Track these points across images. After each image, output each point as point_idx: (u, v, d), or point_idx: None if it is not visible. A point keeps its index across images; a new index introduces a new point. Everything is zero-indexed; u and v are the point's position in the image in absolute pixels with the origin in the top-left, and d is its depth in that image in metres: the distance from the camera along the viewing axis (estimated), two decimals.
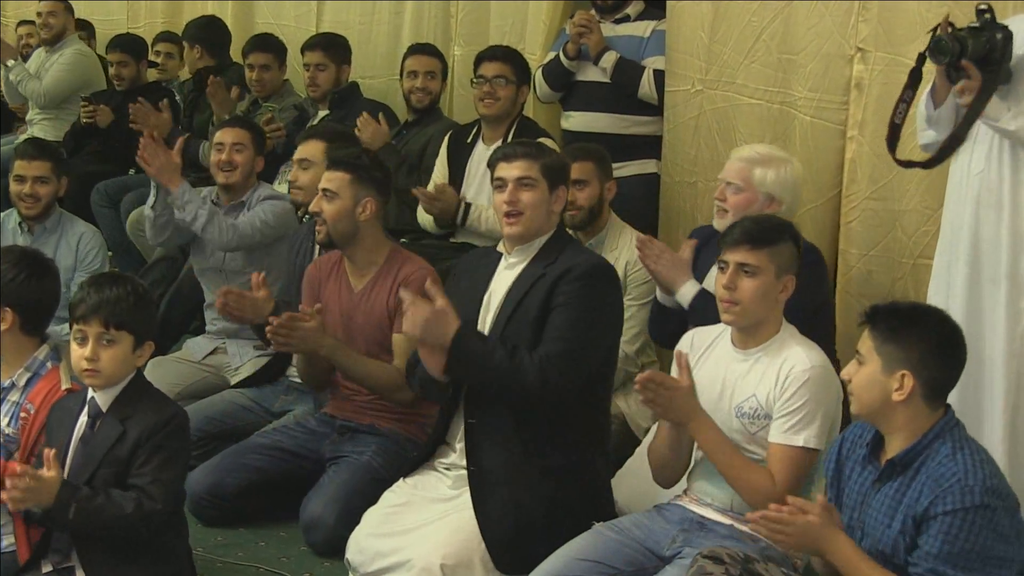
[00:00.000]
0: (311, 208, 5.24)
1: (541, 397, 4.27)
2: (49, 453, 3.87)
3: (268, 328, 4.92)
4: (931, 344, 3.56)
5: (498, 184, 4.54)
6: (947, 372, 3.61)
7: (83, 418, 4.05)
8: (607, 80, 6.52)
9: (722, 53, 5.95)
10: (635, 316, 5.50)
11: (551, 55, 6.75)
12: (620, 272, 5.43)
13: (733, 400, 4.08)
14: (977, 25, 4.20)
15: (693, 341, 4.28)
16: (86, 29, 9.50)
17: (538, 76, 6.76)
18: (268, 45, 7.83)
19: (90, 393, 4.07)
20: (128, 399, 4.04)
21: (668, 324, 5.01)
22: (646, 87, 6.42)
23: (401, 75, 7.08)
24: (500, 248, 4.60)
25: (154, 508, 3.91)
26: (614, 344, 4.58)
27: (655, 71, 6.40)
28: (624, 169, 6.38)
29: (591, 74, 6.58)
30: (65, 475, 3.94)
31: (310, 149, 5.86)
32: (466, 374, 4.36)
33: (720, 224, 4.84)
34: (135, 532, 3.92)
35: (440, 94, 7.09)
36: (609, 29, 6.59)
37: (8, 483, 3.78)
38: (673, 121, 6.31)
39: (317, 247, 5.55)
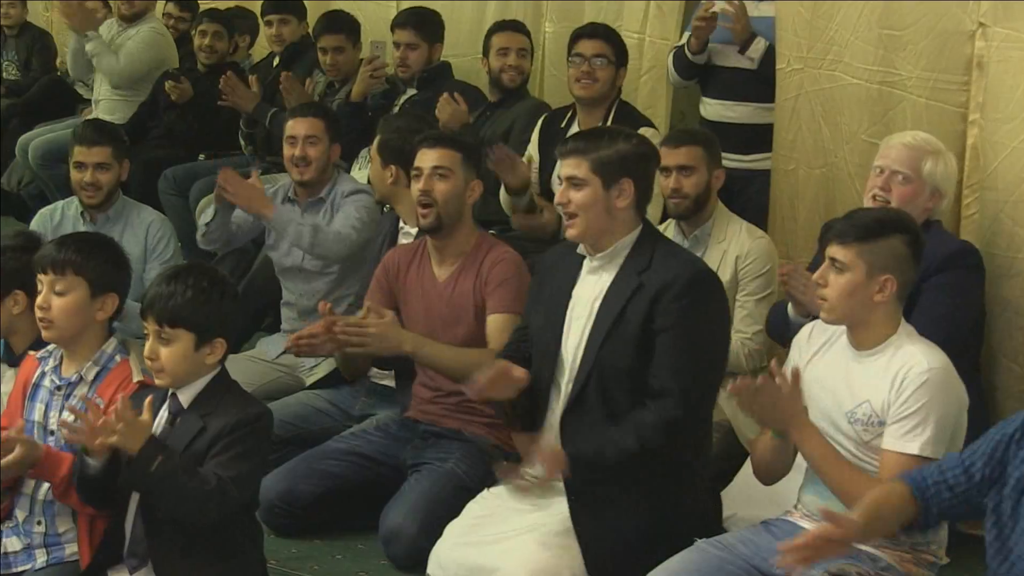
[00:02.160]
0: (421, 187, 5.07)
1: (676, 444, 4.21)
2: (148, 400, 3.85)
3: (336, 328, 4.76)
4: None
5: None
6: None
7: (164, 414, 3.98)
8: (750, 68, 6.32)
9: (827, 29, 5.78)
10: (752, 313, 5.40)
11: (685, 36, 6.58)
12: (730, 266, 5.40)
13: (847, 404, 3.94)
14: None
15: (811, 335, 4.16)
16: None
17: (669, 61, 6.62)
18: (340, 25, 7.71)
19: (171, 389, 4.01)
20: (210, 396, 3.98)
21: (790, 332, 4.83)
22: None
23: (486, 54, 6.96)
24: (581, 250, 4.45)
25: (231, 495, 3.83)
26: (725, 357, 4.46)
27: None
28: (765, 161, 6.24)
29: (731, 60, 6.40)
30: None
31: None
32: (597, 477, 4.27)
33: None
34: (206, 514, 3.82)
35: (529, 73, 6.97)
36: (752, 8, 6.38)
37: (105, 415, 3.76)
38: (776, 103, 6.15)
39: (399, 237, 5.49)
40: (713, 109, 6.51)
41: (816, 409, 3.98)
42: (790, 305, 4.91)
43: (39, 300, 4.16)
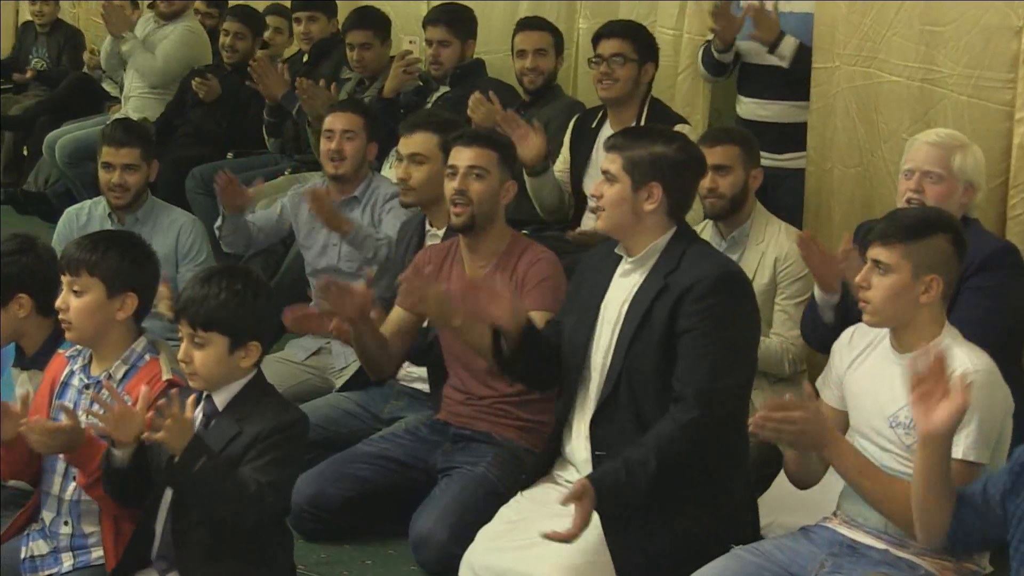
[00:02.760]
0: (456, 187, 5.03)
1: (699, 448, 4.15)
2: (190, 399, 3.82)
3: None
4: None
5: None
6: None
7: (198, 416, 3.96)
8: (783, 65, 6.21)
9: (861, 24, 5.74)
10: (793, 316, 5.35)
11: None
12: (768, 268, 5.37)
13: (889, 408, 3.88)
14: None
15: (852, 339, 4.11)
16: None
17: (699, 55, 6.54)
18: (368, 21, 7.67)
19: (206, 391, 4.00)
20: (246, 400, 3.96)
21: (820, 326, 4.85)
22: None
23: (513, 54, 6.89)
24: (619, 250, 4.42)
25: (269, 500, 3.81)
26: (753, 360, 4.41)
27: None
28: (798, 161, 6.18)
29: (765, 58, 6.28)
30: None
31: (422, 142, 5.62)
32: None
33: None
34: (242, 518, 3.80)
35: (555, 72, 6.89)
36: (784, 5, 6.26)
37: (153, 409, 3.75)
38: (812, 102, 6.08)
39: (426, 240, 5.46)
40: (747, 107, 6.44)
41: (858, 415, 3.95)
42: (815, 288, 4.87)
43: (58, 301, 4.16)
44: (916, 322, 3.89)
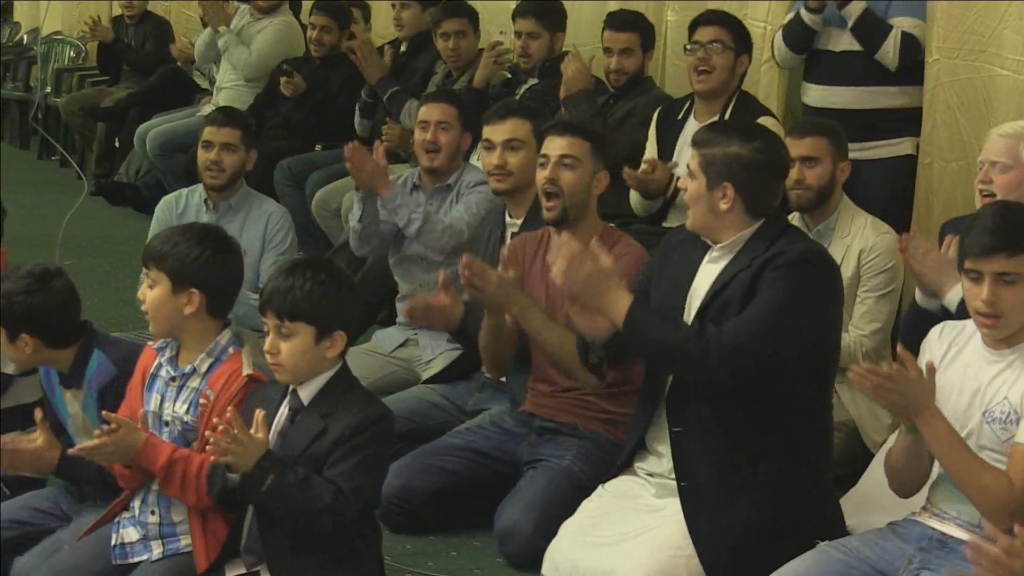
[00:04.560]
0: (548, 176, 5.04)
1: (712, 368, 4.13)
2: (259, 415, 3.88)
3: (465, 262, 4.82)
4: None
5: None
6: None
7: (284, 410, 4.02)
8: (854, 49, 6.18)
9: (965, 18, 5.72)
10: (872, 309, 5.37)
11: (792, 13, 6.46)
12: (853, 261, 5.37)
13: (983, 405, 3.87)
14: None
15: (942, 335, 4.08)
16: None
17: (777, 38, 6.51)
18: (460, 10, 7.76)
19: (291, 386, 4.05)
20: (331, 394, 4.00)
21: (923, 331, 4.79)
22: (889, 52, 6.06)
23: (602, 48, 6.93)
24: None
25: (348, 508, 3.86)
26: (821, 334, 4.31)
27: (904, 34, 6.04)
28: (873, 151, 6.15)
29: (838, 42, 6.28)
30: None
31: (517, 128, 5.64)
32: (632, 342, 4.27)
33: None
34: (321, 526, 3.87)
35: (641, 69, 6.88)
36: None
37: (217, 430, 3.78)
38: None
39: (509, 233, 5.50)
40: (815, 95, 6.39)
41: (949, 411, 3.87)
42: (916, 292, 4.82)
43: (139, 292, 4.25)
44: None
